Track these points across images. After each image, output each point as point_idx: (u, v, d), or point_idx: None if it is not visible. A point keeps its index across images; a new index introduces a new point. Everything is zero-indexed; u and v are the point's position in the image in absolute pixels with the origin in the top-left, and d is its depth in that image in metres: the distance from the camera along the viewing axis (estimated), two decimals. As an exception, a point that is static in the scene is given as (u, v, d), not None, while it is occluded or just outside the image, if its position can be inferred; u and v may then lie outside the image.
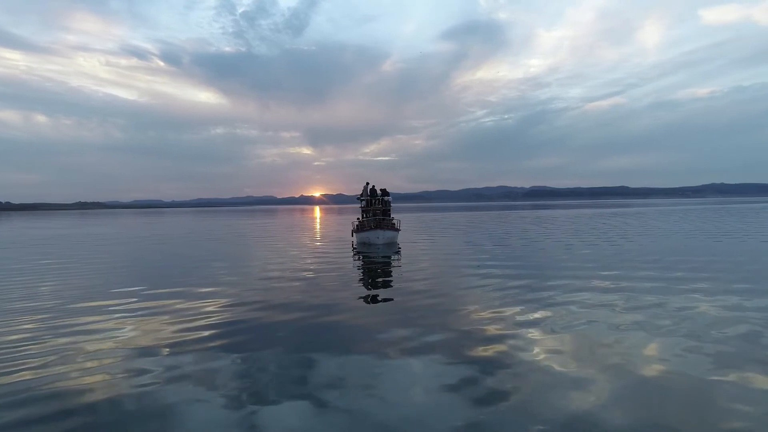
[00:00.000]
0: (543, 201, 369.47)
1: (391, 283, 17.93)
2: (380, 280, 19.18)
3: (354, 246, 31.75)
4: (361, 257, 26.38)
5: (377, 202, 33.84)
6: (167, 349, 10.07)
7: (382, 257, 25.84)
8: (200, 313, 13.33)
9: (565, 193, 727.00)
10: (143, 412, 7.18)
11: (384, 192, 34.34)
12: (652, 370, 8.27)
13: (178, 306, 14.34)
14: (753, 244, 27.89)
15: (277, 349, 9.96)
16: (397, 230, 33.65)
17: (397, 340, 10.36)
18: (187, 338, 10.89)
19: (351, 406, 7.23)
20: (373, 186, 34.23)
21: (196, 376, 8.51)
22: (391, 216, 34.42)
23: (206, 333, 11.31)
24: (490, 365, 8.69)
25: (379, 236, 31.44)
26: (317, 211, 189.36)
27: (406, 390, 7.73)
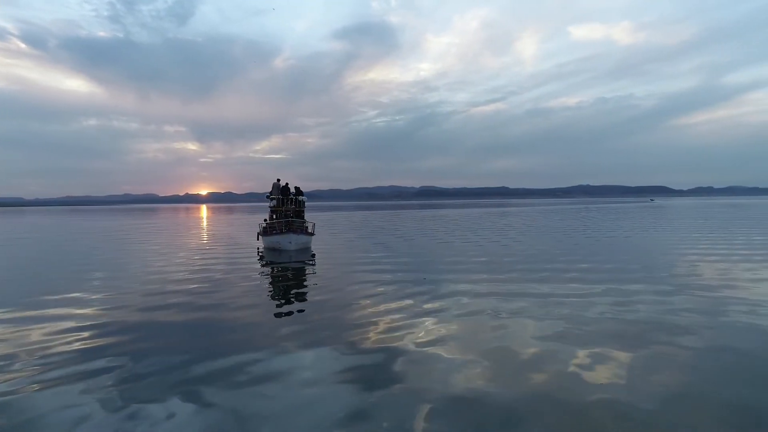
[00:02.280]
0: (432, 201, 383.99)
1: (294, 285, 17.06)
2: (284, 283, 17.76)
3: (260, 252, 26.87)
4: (267, 263, 22.36)
5: (289, 201, 28.78)
6: (34, 358, 9.27)
7: (294, 264, 21.82)
8: (70, 321, 12.07)
9: (452, 193, 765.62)
10: (6, 423, 6.61)
11: (297, 191, 29.38)
12: (527, 350, 9.30)
13: (43, 314, 12.90)
14: (608, 240, 31.35)
15: (159, 351, 9.52)
16: (311, 234, 28.96)
17: (288, 337, 10.39)
18: (57, 345, 10.03)
19: (237, 402, 7.20)
20: (286, 183, 29.01)
21: (68, 383, 7.97)
22: (305, 218, 29.74)
23: (77, 339, 10.45)
24: (381, 354, 9.11)
25: (291, 241, 26.56)
26: (204, 210, 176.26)
27: (296, 382, 7.83)
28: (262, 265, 21.82)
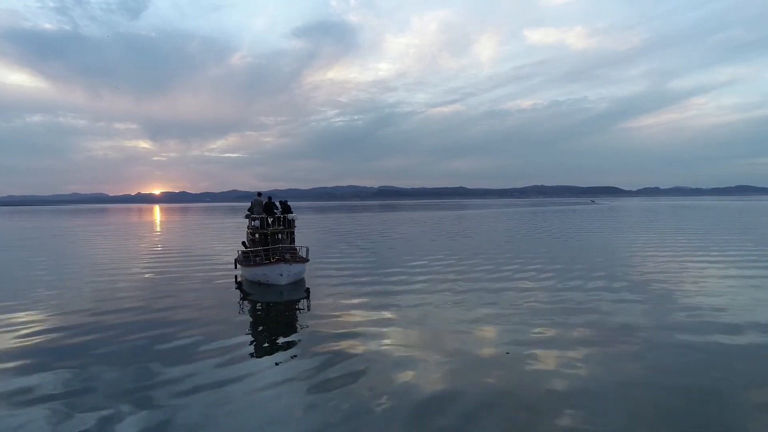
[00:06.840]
0: (391, 201, 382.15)
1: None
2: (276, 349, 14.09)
3: (238, 281, 22.34)
4: (249, 309, 17.58)
5: (277, 221, 23.53)
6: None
7: (283, 307, 17.74)
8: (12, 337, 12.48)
9: (411, 193, 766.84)
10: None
11: (285, 207, 24.09)
12: (478, 348, 11.08)
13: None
14: (561, 241, 35.85)
15: (113, 364, 9.85)
16: (306, 261, 23.31)
17: (247, 346, 11.47)
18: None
19: (196, 408, 7.54)
20: (270, 198, 23.69)
21: (13, 397, 8.22)
22: (295, 240, 24.44)
23: (22, 353, 10.87)
24: (339, 357, 10.48)
25: (282, 273, 21.04)
26: (157, 211, 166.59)
27: (255, 388, 8.59)
28: (241, 311, 16.94)
